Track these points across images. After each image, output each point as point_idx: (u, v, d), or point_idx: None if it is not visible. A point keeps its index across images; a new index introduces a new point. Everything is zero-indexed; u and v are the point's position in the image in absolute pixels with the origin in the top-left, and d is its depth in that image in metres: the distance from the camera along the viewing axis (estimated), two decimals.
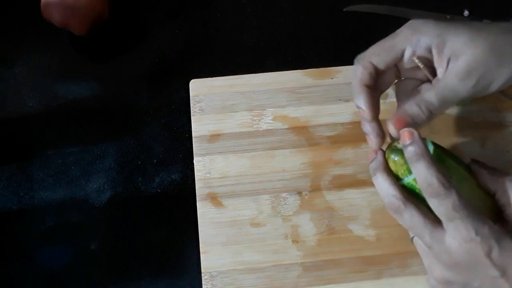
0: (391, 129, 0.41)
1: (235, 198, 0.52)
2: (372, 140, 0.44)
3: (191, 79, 0.56)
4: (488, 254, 0.38)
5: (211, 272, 0.49)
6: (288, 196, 0.52)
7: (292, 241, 0.50)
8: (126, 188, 0.54)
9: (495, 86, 0.41)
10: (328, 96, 0.56)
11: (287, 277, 0.49)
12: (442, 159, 0.41)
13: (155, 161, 0.55)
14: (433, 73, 0.44)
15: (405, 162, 0.40)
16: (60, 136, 0.56)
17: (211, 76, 0.57)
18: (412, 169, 0.39)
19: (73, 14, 0.56)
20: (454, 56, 0.41)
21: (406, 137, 0.40)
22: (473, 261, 0.38)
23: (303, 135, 0.54)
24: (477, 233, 0.37)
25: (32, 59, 0.59)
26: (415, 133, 0.39)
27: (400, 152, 0.41)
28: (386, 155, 0.43)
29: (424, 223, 0.39)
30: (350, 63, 0.56)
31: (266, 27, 0.61)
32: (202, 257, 0.50)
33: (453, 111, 0.55)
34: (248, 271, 0.49)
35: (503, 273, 0.38)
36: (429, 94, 0.41)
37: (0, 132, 0.56)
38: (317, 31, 0.60)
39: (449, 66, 0.41)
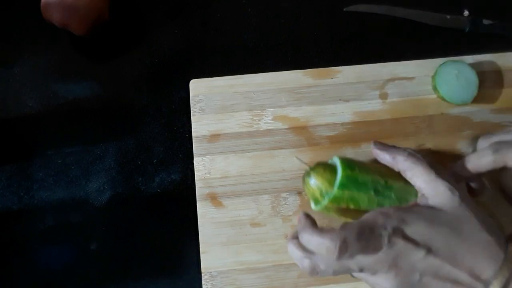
0: None
1: (235, 198, 0.52)
2: None
3: (191, 79, 0.56)
4: (403, 236, 0.38)
5: (211, 272, 0.49)
6: (288, 196, 0.52)
7: None
8: (126, 188, 0.54)
9: None
10: (328, 96, 0.56)
11: (287, 277, 0.49)
12: (354, 177, 0.43)
13: (155, 161, 0.55)
14: None
15: (325, 178, 0.44)
16: (60, 136, 0.56)
17: (211, 76, 0.57)
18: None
19: (73, 14, 0.56)
20: None
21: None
22: (396, 255, 0.38)
23: (303, 135, 0.54)
24: (378, 226, 0.39)
25: (32, 59, 0.59)
26: (301, 217, 0.42)
27: (315, 171, 0.44)
28: (305, 182, 0.45)
29: (332, 249, 0.39)
30: (350, 63, 0.57)
31: (266, 27, 0.61)
32: (202, 257, 0.50)
33: (453, 111, 0.55)
34: (248, 271, 0.49)
35: (429, 250, 0.38)
36: None
37: (0, 132, 0.56)
38: (317, 31, 0.60)
39: None
